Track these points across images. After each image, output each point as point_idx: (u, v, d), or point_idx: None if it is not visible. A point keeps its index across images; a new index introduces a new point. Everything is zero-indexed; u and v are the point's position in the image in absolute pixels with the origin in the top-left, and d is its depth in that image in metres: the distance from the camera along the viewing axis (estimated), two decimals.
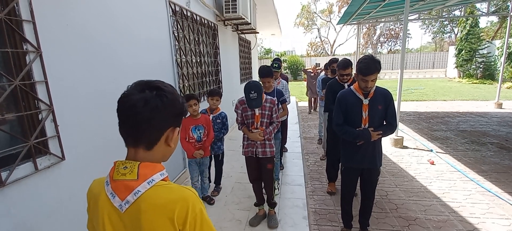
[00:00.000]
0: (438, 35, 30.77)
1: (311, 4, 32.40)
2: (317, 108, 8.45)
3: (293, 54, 27.16)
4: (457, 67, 17.39)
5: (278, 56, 22.33)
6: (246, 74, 8.63)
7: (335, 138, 3.07)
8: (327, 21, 32.88)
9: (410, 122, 7.08)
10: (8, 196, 1.49)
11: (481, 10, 14.23)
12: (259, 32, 9.69)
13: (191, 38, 4.20)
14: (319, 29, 33.66)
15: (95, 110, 2.10)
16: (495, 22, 22.86)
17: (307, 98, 8.74)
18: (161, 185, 0.73)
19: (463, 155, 4.59)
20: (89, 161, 2.04)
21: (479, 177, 3.74)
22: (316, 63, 8.84)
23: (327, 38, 34.39)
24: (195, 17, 4.27)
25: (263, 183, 2.74)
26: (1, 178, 1.44)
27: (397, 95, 4.81)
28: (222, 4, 5.04)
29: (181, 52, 3.81)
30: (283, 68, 20.57)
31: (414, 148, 5.02)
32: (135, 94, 0.71)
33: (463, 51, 16.43)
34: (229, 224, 2.78)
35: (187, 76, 4.02)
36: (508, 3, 9.08)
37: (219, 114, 3.17)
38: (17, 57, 1.58)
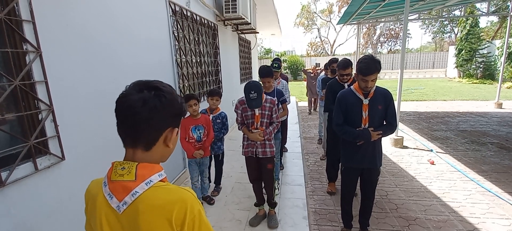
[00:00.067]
0: (438, 35, 30.77)
1: (311, 4, 32.46)
2: (317, 108, 8.45)
3: (293, 54, 27.16)
4: (457, 67, 17.40)
5: (278, 56, 22.34)
6: (246, 74, 8.63)
7: (335, 138, 3.07)
8: (327, 21, 32.91)
9: (410, 121, 7.08)
10: (8, 196, 1.49)
11: (481, 10, 14.22)
12: (259, 32, 9.69)
13: (191, 38, 4.20)
14: (319, 29, 33.71)
15: (95, 110, 2.10)
16: (495, 22, 22.86)
17: (307, 99, 8.74)
18: (159, 186, 0.73)
19: (463, 155, 4.59)
20: (89, 161, 2.04)
21: (479, 177, 3.74)
22: (316, 64, 8.80)
23: (327, 38, 34.43)
24: (195, 17, 4.27)
25: (263, 183, 2.74)
26: (1, 178, 1.44)
27: (397, 95, 4.81)
28: (222, 4, 5.04)
29: (181, 52, 3.81)
30: (283, 68, 20.58)
31: (414, 148, 5.02)
32: (133, 95, 0.71)
33: (463, 51, 16.43)
34: (229, 224, 2.78)
35: (187, 76, 4.02)
36: (508, 3, 9.09)
37: (219, 114, 3.17)
38: (17, 57, 1.58)
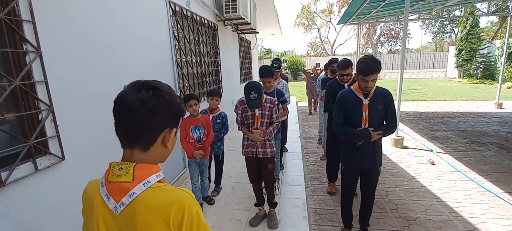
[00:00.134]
0: (438, 35, 30.76)
1: (311, 4, 32.46)
2: (317, 108, 8.44)
3: (293, 54, 27.15)
4: (457, 67, 17.39)
5: (278, 56, 22.34)
6: (246, 74, 8.63)
7: (335, 138, 3.07)
8: (327, 21, 32.91)
9: (410, 122, 7.08)
10: (8, 196, 1.49)
11: (481, 10, 14.23)
12: (259, 32, 9.69)
13: (191, 38, 4.20)
14: (319, 29, 33.70)
15: (95, 110, 2.10)
16: (495, 22, 22.85)
17: (307, 99, 8.72)
18: (157, 186, 0.72)
19: (463, 155, 4.59)
20: (89, 161, 2.04)
21: (479, 177, 3.74)
22: (316, 64, 8.79)
23: (327, 38, 34.42)
24: (195, 17, 4.27)
25: (263, 183, 2.74)
26: (1, 178, 1.44)
27: (397, 95, 4.81)
28: (222, 4, 5.04)
29: (181, 52, 3.81)
30: (283, 68, 20.58)
31: (414, 148, 5.02)
32: (131, 95, 0.70)
33: (463, 51, 16.42)
34: (229, 224, 2.78)
35: (187, 76, 4.02)
36: (508, 3, 9.08)
37: (219, 114, 3.17)
38: (17, 57, 1.58)
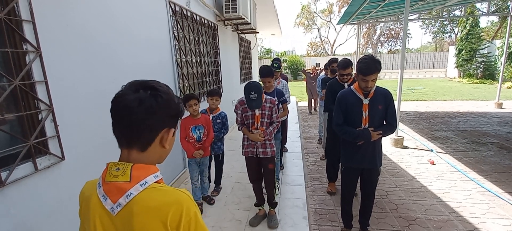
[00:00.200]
0: (438, 35, 30.74)
1: (311, 4, 32.45)
2: (317, 108, 8.44)
3: (293, 54, 27.15)
4: (457, 67, 17.39)
5: (278, 56, 22.34)
6: (246, 74, 8.62)
7: (335, 138, 3.06)
8: (327, 21, 32.90)
9: (410, 121, 7.08)
10: (8, 196, 1.49)
11: (481, 10, 14.21)
12: (259, 32, 9.69)
13: (191, 38, 4.20)
14: (319, 29, 33.69)
15: (95, 110, 2.10)
16: (495, 22, 22.84)
17: (307, 99, 8.70)
18: (155, 187, 0.71)
19: (464, 154, 4.58)
20: (89, 161, 2.04)
21: (479, 177, 3.73)
22: (316, 64, 8.76)
23: (327, 38, 34.41)
24: (195, 17, 4.27)
25: (264, 183, 2.74)
26: (1, 178, 1.44)
27: (397, 95, 4.81)
28: (222, 4, 5.04)
29: (181, 52, 3.81)
30: (283, 68, 20.58)
31: (414, 148, 5.02)
32: (129, 94, 0.70)
33: (463, 51, 16.42)
34: (229, 224, 2.78)
35: (187, 76, 4.02)
36: (508, 3, 9.08)
37: (219, 114, 3.17)
38: (17, 57, 1.58)
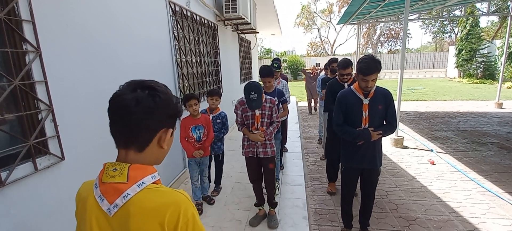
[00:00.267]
0: (438, 35, 30.73)
1: (311, 4, 32.44)
2: (317, 107, 8.43)
3: (293, 54, 27.15)
4: (457, 67, 17.38)
5: (278, 56, 22.34)
6: (246, 74, 8.62)
7: (335, 138, 3.06)
8: (327, 21, 32.89)
9: (410, 121, 7.07)
10: (8, 196, 1.49)
11: (481, 10, 14.22)
12: (259, 32, 9.69)
13: (191, 38, 4.20)
14: (319, 29, 33.68)
15: (95, 110, 2.10)
16: (495, 22, 22.84)
17: (307, 99, 8.67)
18: (152, 188, 0.70)
19: (464, 154, 4.58)
20: (89, 161, 2.04)
21: (479, 177, 3.73)
22: (316, 63, 8.75)
23: (327, 38, 34.40)
24: (195, 17, 4.27)
25: (264, 182, 2.74)
26: (0, 178, 1.44)
27: (397, 95, 4.81)
28: (222, 4, 5.04)
29: (181, 52, 3.81)
30: (283, 68, 20.58)
31: (414, 148, 5.02)
32: (127, 94, 0.69)
33: (464, 51, 16.42)
34: (229, 224, 2.77)
35: (187, 76, 4.01)
36: (508, 3, 9.08)
37: (219, 114, 3.17)
38: (17, 57, 1.58)
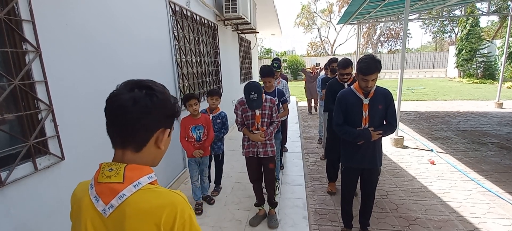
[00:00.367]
0: (438, 35, 30.71)
1: (311, 4, 32.43)
2: (317, 107, 8.42)
3: (293, 54, 27.14)
4: (457, 67, 17.38)
5: (278, 56, 22.34)
6: (246, 74, 8.62)
7: (335, 138, 3.06)
8: (327, 21, 32.88)
9: (410, 121, 7.07)
10: (7, 196, 1.48)
11: (481, 10, 14.21)
12: (259, 32, 9.69)
13: (191, 38, 4.20)
14: (319, 29, 33.67)
15: (95, 110, 2.10)
16: (495, 22, 22.85)
17: (307, 99, 8.65)
18: (148, 188, 0.69)
19: (464, 154, 4.58)
20: (89, 161, 2.04)
21: (479, 176, 3.73)
22: (316, 63, 8.75)
23: (327, 38, 34.39)
24: (195, 17, 4.27)
25: (264, 182, 2.74)
26: (0, 178, 1.44)
27: (397, 95, 4.81)
28: (222, 4, 5.04)
29: (181, 52, 3.81)
30: (283, 68, 20.58)
31: (414, 148, 5.01)
32: (124, 94, 0.69)
33: (464, 51, 16.41)
34: (229, 224, 2.77)
35: (187, 76, 4.01)
36: (508, 3, 9.08)
37: (219, 114, 3.17)
38: (17, 57, 1.57)
